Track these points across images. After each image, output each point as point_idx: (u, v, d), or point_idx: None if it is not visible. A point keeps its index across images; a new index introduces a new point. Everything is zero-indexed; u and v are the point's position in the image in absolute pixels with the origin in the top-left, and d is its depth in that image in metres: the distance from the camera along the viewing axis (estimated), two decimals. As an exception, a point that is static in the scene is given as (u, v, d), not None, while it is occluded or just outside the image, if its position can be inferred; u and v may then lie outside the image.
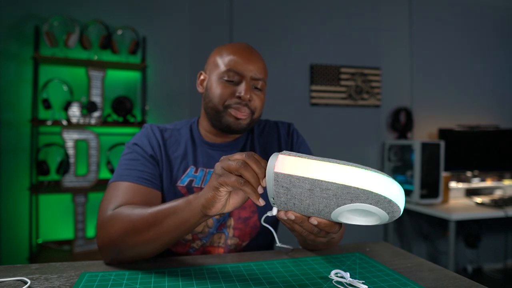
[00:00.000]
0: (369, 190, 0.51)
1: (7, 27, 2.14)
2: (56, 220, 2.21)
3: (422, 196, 2.40)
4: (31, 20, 2.15)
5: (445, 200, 2.48)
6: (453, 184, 2.72)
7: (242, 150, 0.94)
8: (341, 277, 0.65)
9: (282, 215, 0.58)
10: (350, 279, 0.64)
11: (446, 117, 2.95)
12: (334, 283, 0.64)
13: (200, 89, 0.94)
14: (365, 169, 0.52)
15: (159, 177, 0.86)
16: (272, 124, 1.01)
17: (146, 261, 0.76)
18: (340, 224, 0.59)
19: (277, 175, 0.55)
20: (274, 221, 0.97)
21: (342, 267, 0.72)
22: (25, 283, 0.63)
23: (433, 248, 2.86)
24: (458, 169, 2.76)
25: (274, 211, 0.59)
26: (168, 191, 0.86)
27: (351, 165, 0.53)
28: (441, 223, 2.78)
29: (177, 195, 0.85)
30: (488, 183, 2.82)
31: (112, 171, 2.19)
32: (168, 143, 0.91)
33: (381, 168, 2.81)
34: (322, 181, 0.52)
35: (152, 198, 0.82)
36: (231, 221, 0.88)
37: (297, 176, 0.54)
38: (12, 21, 2.15)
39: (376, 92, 2.80)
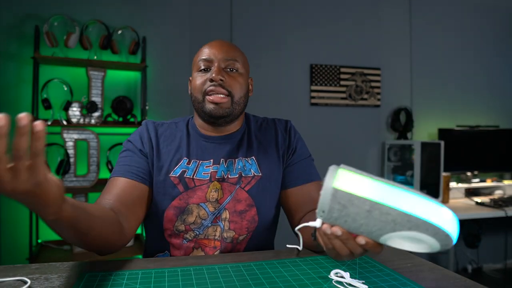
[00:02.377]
0: (431, 222, 0.50)
1: (7, 27, 2.14)
2: (56, 220, 2.21)
3: (422, 196, 2.39)
4: (31, 20, 2.15)
5: (445, 200, 2.48)
6: (453, 184, 2.72)
7: (239, 144, 0.96)
8: (341, 277, 0.65)
9: (326, 228, 0.55)
10: (350, 279, 0.64)
11: (446, 117, 2.95)
12: (334, 283, 0.64)
13: (189, 92, 0.99)
14: (430, 200, 0.52)
15: (148, 170, 0.90)
16: (270, 121, 1.04)
17: (146, 261, 0.76)
18: (382, 246, 0.57)
19: (336, 191, 0.52)
20: (274, 222, 0.97)
21: (342, 267, 0.72)
22: (25, 283, 0.63)
23: (433, 248, 2.85)
24: (458, 169, 2.76)
25: (318, 223, 0.56)
26: (161, 182, 0.89)
27: (415, 193, 0.52)
28: (441, 223, 2.77)
29: (169, 185, 0.88)
30: (488, 183, 2.82)
31: (112, 171, 2.18)
32: (162, 137, 0.94)
33: (381, 168, 2.81)
34: (384, 205, 0.51)
35: (132, 190, 0.86)
36: (226, 214, 0.89)
37: (357, 196, 0.51)
38: (12, 21, 2.15)
39: (376, 92, 2.80)
